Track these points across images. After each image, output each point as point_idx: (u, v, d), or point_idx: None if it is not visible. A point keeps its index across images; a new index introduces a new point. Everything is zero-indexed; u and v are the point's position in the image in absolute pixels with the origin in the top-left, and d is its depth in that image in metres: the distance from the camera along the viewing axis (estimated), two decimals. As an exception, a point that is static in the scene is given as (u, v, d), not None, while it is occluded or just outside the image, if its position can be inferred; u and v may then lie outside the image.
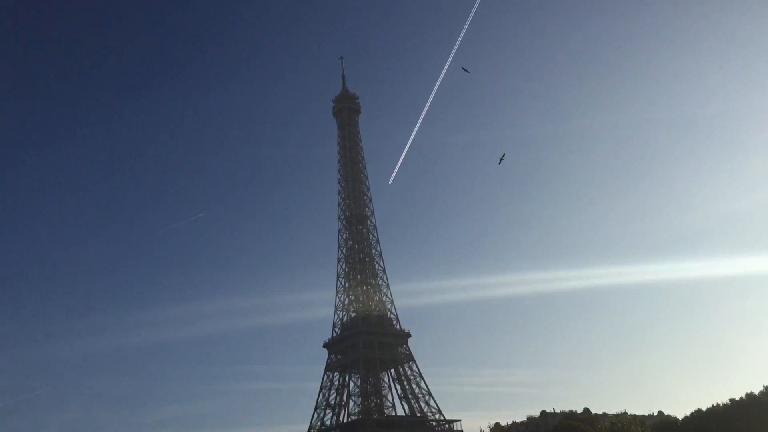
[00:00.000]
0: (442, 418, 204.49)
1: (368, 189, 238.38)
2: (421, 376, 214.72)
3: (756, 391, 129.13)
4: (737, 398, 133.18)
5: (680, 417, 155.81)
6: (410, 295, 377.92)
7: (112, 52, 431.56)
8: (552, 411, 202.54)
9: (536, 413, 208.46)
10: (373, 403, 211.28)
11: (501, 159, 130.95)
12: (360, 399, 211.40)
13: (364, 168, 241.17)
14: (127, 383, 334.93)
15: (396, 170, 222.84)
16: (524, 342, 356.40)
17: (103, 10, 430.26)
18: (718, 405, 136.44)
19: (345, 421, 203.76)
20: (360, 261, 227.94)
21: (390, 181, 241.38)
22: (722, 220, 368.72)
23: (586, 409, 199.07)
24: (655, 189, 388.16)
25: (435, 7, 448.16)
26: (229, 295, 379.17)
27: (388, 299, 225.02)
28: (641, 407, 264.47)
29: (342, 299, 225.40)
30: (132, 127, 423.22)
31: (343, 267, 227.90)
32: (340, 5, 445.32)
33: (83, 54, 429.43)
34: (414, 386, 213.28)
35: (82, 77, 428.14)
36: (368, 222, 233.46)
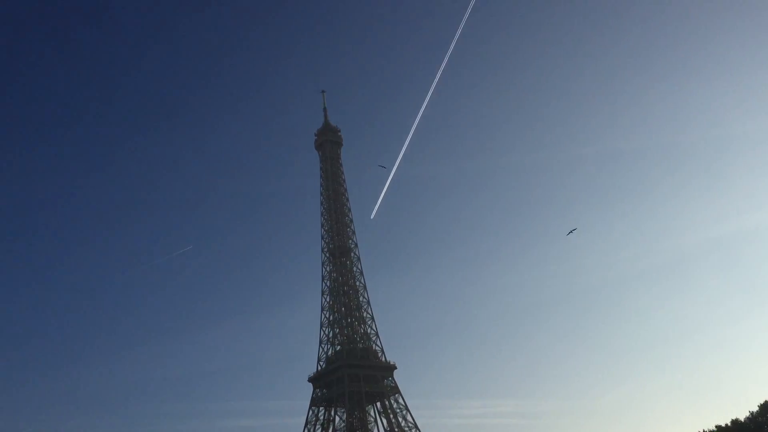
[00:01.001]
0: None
1: (351, 221, 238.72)
2: (407, 409, 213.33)
3: (742, 417, 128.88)
4: (723, 425, 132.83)
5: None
6: (395, 326, 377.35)
7: (101, 92, 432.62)
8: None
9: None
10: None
11: (571, 231, 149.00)
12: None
13: (347, 200, 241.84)
14: (106, 423, 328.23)
15: (377, 206, 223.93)
16: (510, 371, 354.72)
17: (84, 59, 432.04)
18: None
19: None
20: (344, 293, 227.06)
21: (372, 216, 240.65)
22: (708, 244, 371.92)
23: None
24: (644, 214, 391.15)
25: (416, 39, 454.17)
26: (209, 329, 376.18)
27: (372, 331, 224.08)
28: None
29: (326, 332, 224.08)
30: (115, 164, 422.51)
31: (327, 300, 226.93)
32: (321, 38, 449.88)
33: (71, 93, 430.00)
34: (400, 419, 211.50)
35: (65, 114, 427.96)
36: (352, 254, 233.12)
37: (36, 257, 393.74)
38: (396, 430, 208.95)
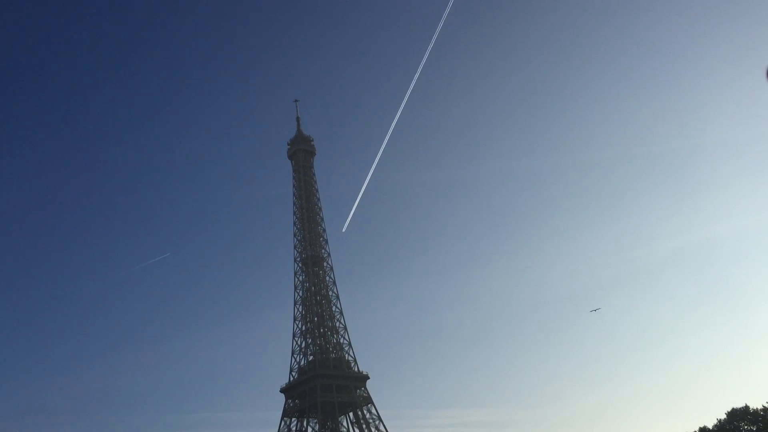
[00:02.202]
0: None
1: (324, 230, 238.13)
2: (380, 419, 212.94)
3: (710, 425, 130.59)
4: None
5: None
6: (367, 335, 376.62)
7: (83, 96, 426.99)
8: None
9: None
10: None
11: (594, 310, 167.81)
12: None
13: (320, 210, 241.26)
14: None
15: (349, 218, 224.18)
16: (483, 380, 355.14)
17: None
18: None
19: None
20: (317, 303, 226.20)
21: (344, 229, 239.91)
22: (676, 252, 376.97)
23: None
24: (613, 223, 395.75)
25: (391, 46, 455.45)
26: (178, 338, 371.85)
27: (345, 341, 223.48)
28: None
29: (299, 342, 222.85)
30: (88, 171, 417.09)
31: (300, 309, 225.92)
32: (295, 47, 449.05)
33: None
34: (373, 429, 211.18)
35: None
36: (325, 264, 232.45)
37: (6, 262, 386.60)
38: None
